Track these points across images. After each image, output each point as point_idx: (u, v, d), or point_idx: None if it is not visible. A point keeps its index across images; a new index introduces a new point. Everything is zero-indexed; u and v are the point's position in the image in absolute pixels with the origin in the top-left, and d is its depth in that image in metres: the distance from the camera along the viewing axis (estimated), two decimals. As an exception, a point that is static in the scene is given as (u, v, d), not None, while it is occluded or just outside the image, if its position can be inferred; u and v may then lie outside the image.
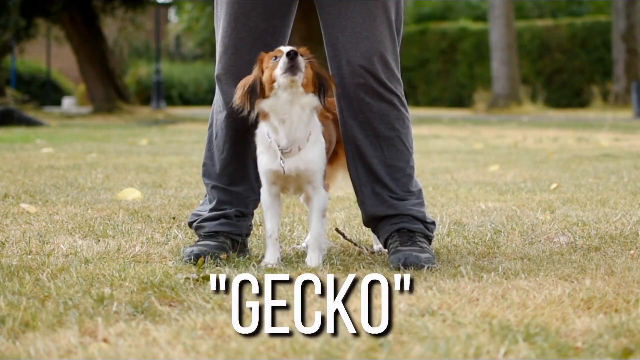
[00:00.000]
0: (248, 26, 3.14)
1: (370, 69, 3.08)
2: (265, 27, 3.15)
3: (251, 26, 3.14)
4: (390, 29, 3.13)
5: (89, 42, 24.10)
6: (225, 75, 3.18)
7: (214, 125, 3.29)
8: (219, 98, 3.25)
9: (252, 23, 3.14)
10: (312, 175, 3.05)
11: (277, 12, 3.17)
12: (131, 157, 8.31)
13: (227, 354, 1.98)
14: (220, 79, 3.21)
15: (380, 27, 3.09)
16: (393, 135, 3.16)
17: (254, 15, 3.14)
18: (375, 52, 3.08)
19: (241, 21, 3.14)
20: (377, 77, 3.10)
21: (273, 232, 3.07)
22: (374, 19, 3.08)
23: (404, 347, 2.01)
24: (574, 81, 29.72)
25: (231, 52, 3.16)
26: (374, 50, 3.08)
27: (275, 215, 3.10)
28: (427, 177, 6.34)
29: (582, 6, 36.99)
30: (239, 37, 3.14)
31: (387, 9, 3.12)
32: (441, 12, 36.93)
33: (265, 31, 3.15)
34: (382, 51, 3.10)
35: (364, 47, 3.07)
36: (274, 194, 3.11)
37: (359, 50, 3.08)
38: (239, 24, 3.14)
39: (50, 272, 2.80)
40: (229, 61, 3.17)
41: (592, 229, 3.80)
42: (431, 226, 3.23)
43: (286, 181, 3.09)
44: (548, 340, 2.06)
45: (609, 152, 9.18)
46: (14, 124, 15.09)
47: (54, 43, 28.87)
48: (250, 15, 3.14)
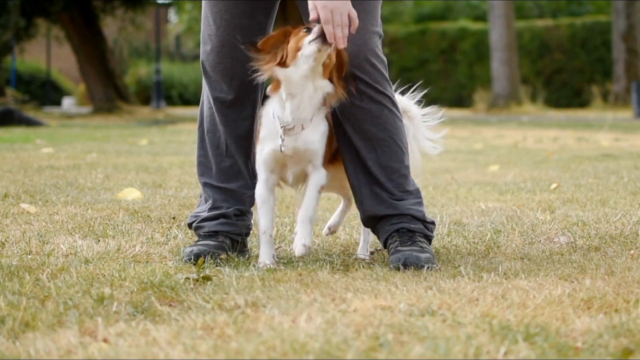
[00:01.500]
0: (233, 24, 3.16)
1: (356, 72, 3.08)
2: (249, 24, 3.17)
3: (236, 24, 3.16)
4: (375, 30, 3.13)
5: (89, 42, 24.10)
6: (213, 71, 3.21)
7: (206, 122, 3.30)
8: (207, 94, 3.28)
9: (236, 20, 3.17)
10: (312, 155, 3.03)
11: (261, 9, 3.19)
12: (131, 157, 8.31)
13: (227, 354, 1.98)
14: (209, 74, 3.23)
15: (364, 29, 3.08)
16: (385, 136, 3.16)
17: (238, 13, 3.17)
18: (359, 55, 3.07)
19: (225, 19, 3.17)
20: (363, 80, 3.09)
21: (267, 229, 3.04)
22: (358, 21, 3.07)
23: (404, 347, 2.01)
24: (574, 81, 29.71)
25: (217, 50, 3.19)
26: (358, 53, 3.07)
27: (270, 211, 3.07)
28: (427, 177, 6.34)
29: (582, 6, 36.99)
30: (223, 35, 3.17)
31: (369, 11, 3.11)
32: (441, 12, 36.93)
33: (249, 29, 3.17)
34: (368, 53, 3.09)
35: (349, 49, 3.06)
36: (270, 187, 3.08)
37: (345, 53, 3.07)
38: (223, 22, 3.17)
39: (50, 272, 2.80)
40: (216, 58, 3.20)
41: (592, 229, 3.80)
42: (431, 226, 3.23)
43: (285, 163, 3.05)
44: (548, 340, 2.06)
45: (609, 152, 9.18)
46: (14, 124, 15.10)
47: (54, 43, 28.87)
48: (234, 13, 3.16)
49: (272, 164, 3.05)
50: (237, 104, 3.23)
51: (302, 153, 3.01)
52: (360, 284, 2.67)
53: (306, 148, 3.01)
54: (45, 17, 23.64)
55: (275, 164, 3.05)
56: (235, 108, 3.23)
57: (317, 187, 3.05)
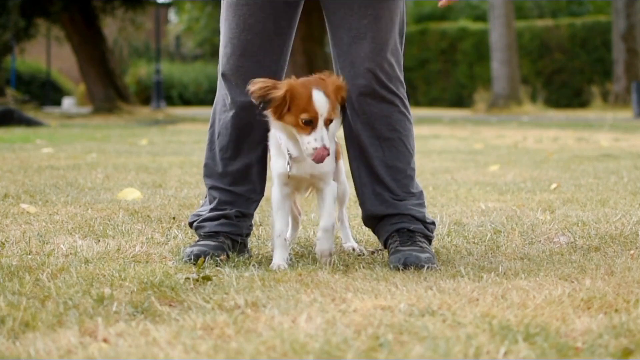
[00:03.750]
0: (256, 28, 3.14)
1: (374, 70, 3.08)
2: (273, 28, 3.16)
3: (259, 28, 3.15)
4: (395, 31, 3.14)
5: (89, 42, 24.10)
6: (234, 76, 3.18)
7: (217, 124, 3.28)
8: (224, 97, 3.24)
9: (260, 25, 3.14)
10: (324, 176, 3.07)
11: (284, 14, 3.17)
12: (131, 157, 8.31)
13: (227, 354, 1.98)
14: (229, 79, 3.20)
15: (385, 29, 3.09)
16: (394, 137, 3.17)
17: (262, 17, 3.14)
18: (379, 54, 3.08)
19: (249, 23, 3.14)
20: (379, 79, 3.10)
21: (282, 232, 3.06)
22: (379, 19, 3.08)
23: (404, 347, 2.01)
24: (574, 81, 29.72)
25: (239, 54, 3.16)
26: (377, 52, 3.08)
27: (285, 216, 3.10)
28: (427, 177, 6.34)
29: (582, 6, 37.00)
30: (247, 38, 3.15)
31: (393, 10, 3.12)
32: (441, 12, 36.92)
33: (273, 32, 3.16)
34: (385, 53, 3.10)
35: (368, 48, 3.07)
36: (285, 194, 3.11)
37: (363, 51, 3.08)
38: (246, 26, 3.14)
39: (50, 272, 2.80)
40: (237, 62, 3.17)
41: (592, 229, 3.80)
42: (431, 226, 3.23)
43: (298, 183, 3.11)
44: (548, 340, 2.06)
45: (609, 152, 9.18)
46: (14, 124, 15.09)
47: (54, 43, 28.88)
48: (258, 16, 3.14)
49: (285, 181, 3.09)
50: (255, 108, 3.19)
51: (315, 175, 3.06)
52: (360, 284, 2.67)
53: (319, 172, 3.05)
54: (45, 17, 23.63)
55: (288, 181, 3.09)
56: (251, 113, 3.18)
57: (332, 198, 3.09)
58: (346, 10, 3.10)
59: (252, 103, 3.00)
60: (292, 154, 3.01)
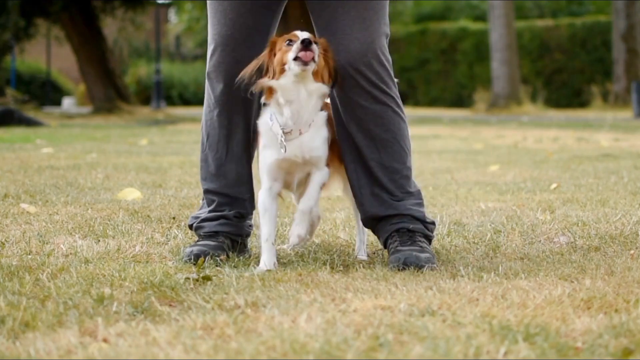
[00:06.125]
0: (238, 23, 3.15)
1: (363, 71, 3.08)
2: (254, 24, 3.16)
3: (240, 23, 3.15)
4: (382, 31, 3.13)
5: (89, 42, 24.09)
6: (214, 72, 3.19)
7: (205, 126, 3.29)
8: (208, 97, 3.26)
9: (241, 20, 3.15)
10: (317, 160, 3.05)
11: (266, 10, 3.18)
12: (131, 157, 8.31)
13: (227, 354, 1.98)
14: (211, 76, 3.22)
15: (371, 28, 3.08)
16: (389, 137, 3.16)
17: (244, 12, 3.15)
18: (367, 54, 3.08)
19: (230, 17, 3.15)
20: (369, 79, 3.09)
21: (270, 236, 3.03)
22: (364, 20, 3.08)
23: (404, 347, 2.01)
24: (574, 81, 29.71)
25: (220, 49, 3.17)
26: (365, 52, 3.07)
27: (273, 219, 3.07)
28: (427, 177, 6.34)
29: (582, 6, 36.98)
30: (227, 34, 3.15)
31: (378, 10, 3.11)
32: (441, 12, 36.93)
33: (254, 29, 3.16)
34: (374, 52, 3.09)
35: (355, 48, 3.06)
36: (274, 195, 3.08)
37: (351, 52, 3.07)
38: (228, 21, 3.16)
39: (50, 272, 2.80)
40: (218, 58, 3.18)
41: (592, 229, 3.80)
42: (431, 226, 3.23)
43: (289, 170, 3.06)
44: (548, 340, 2.06)
45: (609, 152, 9.18)
46: (14, 124, 15.10)
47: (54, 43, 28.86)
48: (239, 12, 3.15)
49: (276, 172, 3.06)
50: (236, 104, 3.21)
51: (307, 160, 3.03)
52: (360, 284, 2.67)
53: (311, 155, 3.02)
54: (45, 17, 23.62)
55: (279, 172, 3.06)
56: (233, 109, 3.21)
57: (319, 183, 3.07)
58: (332, 12, 3.10)
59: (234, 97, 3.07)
60: (284, 129, 2.98)
